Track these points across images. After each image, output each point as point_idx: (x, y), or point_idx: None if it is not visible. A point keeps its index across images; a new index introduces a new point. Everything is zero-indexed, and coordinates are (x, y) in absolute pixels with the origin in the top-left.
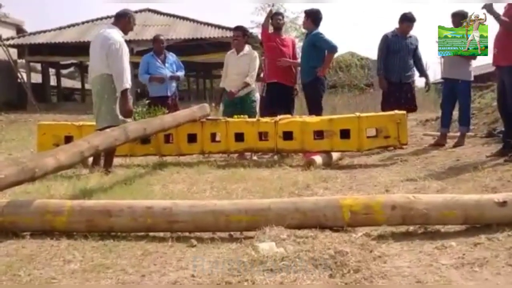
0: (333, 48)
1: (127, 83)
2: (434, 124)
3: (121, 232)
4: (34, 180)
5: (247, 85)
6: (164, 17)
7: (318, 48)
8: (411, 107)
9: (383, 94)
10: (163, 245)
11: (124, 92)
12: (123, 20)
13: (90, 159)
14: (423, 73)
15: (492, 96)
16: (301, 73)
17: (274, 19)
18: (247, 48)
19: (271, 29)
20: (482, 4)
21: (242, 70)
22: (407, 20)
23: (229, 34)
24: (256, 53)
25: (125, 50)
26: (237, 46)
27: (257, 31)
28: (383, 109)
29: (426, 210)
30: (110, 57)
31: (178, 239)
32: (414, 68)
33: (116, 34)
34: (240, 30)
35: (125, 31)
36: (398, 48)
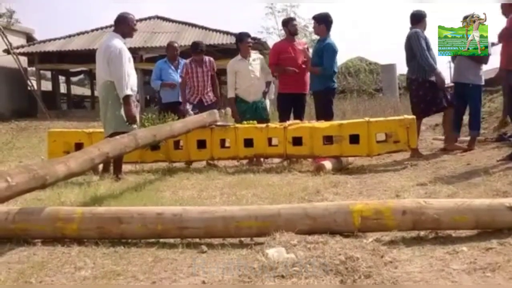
0: (325, 70)
1: (128, 89)
2: None
3: (131, 238)
4: (45, 187)
5: (270, 82)
6: (173, 24)
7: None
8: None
9: (429, 96)
10: (173, 252)
11: (125, 98)
12: (122, 24)
13: (101, 166)
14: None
15: (502, 100)
16: (311, 80)
17: (290, 24)
18: (252, 53)
19: (285, 36)
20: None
21: (259, 74)
22: (424, 16)
23: None
24: (263, 57)
25: (126, 56)
26: (249, 52)
27: (266, 37)
28: (429, 113)
29: (437, 215)
30: (111, 64)
31: (188, 246)
32: None
33: (116, 41)
34: (250, 37)
35: (128, 34)
36: (430, 46)
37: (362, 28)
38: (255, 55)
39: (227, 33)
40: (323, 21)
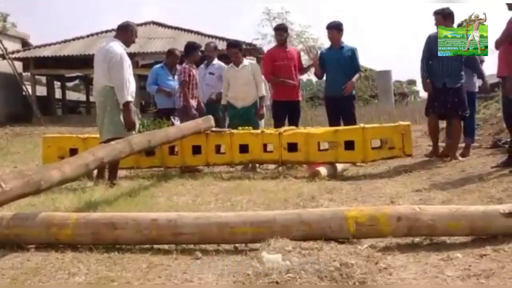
0: (360, 70)
1: (129, 95)
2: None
3: (126, 244)
4: (39, 192)
5: (263, 97)
6: (169, 30)
7: (352, 63)
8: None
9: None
10: (168, 258)
11: (126, 104)
12: (125, 32)
13: (95, 172)
14: (479, 75)
15: (496, 107)
16: (335, 86)
17: (277, 34)
18: (245, 60)
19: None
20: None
21: (247, 81)
22: (452, 17)
23: None
24: (256, 64)
25: (127, 62)
26: (236, 60)
27: (262, 43)
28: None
29: (431, 221)
30: (112, 70)
31: (183, 252)
32: (463, 73)
33: (117, 47)
34: (236, 47)
35: (127, 43)
36: None
37: (357, 35)
38: (247, 62)
39: (222, 39)
40: (341, 30)
